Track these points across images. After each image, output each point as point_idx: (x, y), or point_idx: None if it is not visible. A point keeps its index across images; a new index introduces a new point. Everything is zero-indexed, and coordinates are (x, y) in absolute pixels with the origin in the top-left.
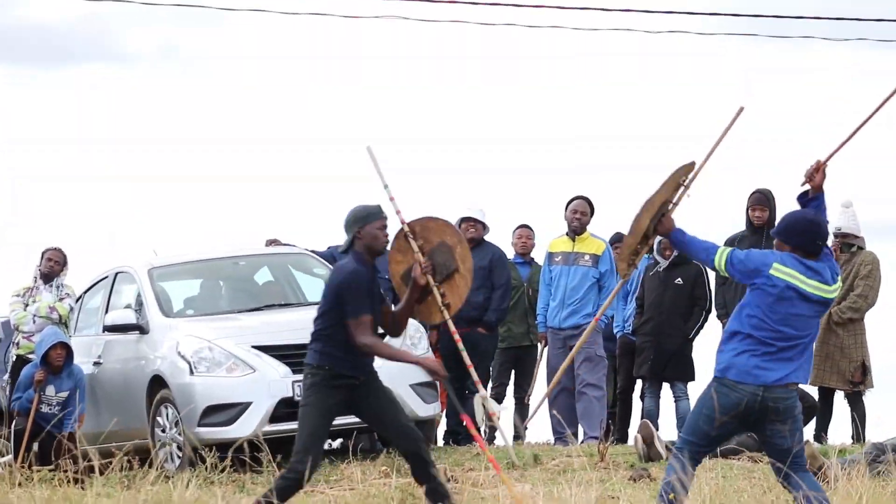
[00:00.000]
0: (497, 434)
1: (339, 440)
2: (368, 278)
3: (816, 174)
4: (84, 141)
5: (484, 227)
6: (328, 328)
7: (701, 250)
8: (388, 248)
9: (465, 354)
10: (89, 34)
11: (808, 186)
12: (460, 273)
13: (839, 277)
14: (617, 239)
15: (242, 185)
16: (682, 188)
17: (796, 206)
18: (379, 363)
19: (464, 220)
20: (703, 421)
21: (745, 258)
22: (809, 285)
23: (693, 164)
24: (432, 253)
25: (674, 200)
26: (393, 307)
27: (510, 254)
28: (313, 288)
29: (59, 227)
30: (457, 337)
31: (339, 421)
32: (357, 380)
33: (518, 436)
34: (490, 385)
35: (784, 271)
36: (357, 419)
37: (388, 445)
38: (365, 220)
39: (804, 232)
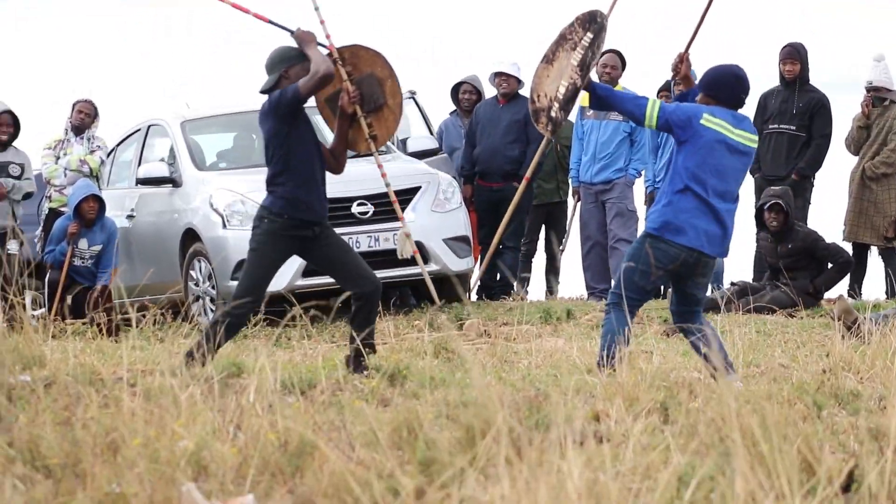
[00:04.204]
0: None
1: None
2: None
3: (681, 65)
4: None
5: (518, 81)
6: (282, 169)
7: (629, 101)
8: None
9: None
10: None
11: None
12: (388, 107)
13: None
14: (665, 87)
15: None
16: (595, 48)
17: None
18: (412, 222)
19: (496, 74)
20: (639, 276)
21: (677, 108)
22: (737, 135)
23: (597, 13)
24: (360, 82)
25: (595, 59)
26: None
27: None
28: None
29: (88, 76)
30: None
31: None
32: (312, 230)
33: (551, 290)
34: (522, 240)
35: (713, 121)
36: (391, 275)
37: (418, 300)
38: (290, 60)
39: (729, 84)
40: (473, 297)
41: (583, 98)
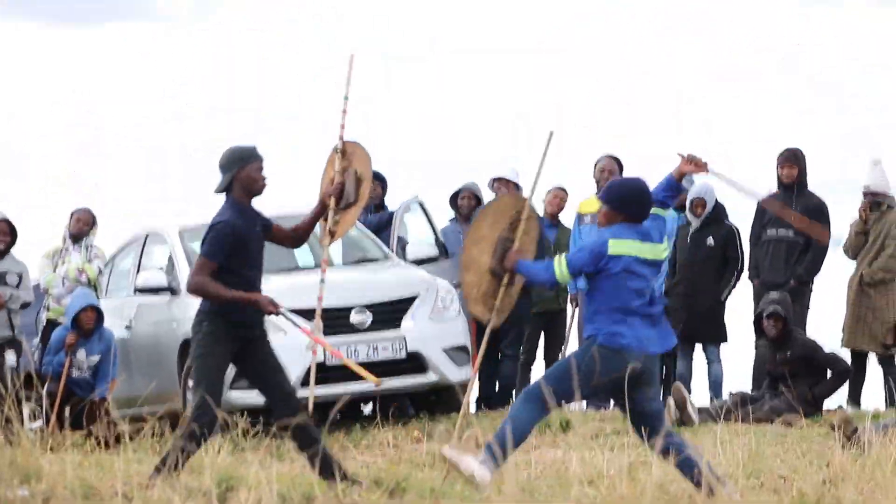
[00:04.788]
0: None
1: (370, 405)
2: (242, 226)
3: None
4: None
5: (517, 186)
6: (221, 275)
7: (541, 271)
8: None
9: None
10: None
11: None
12: (356, 207)
13: (665, 237)
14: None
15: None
16: (519, 225)
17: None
18: (410, 331)
19: (495, 180)
20: (580, 380)
21: (580, 251)
22: (645, 251)
23: (524, 200)
24: (346, 177)
25: (514, 238)
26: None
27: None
28: (347, 249)
29: (88, 192)
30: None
31: (371, 386)
32: (254, 332)
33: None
34: (521, 348)
35: (621, 244)
36: (389, 385)
37: (417, 410)
38: (243, 161)
39: (636, 200)
40: (472, 407)
41: (580, 205)
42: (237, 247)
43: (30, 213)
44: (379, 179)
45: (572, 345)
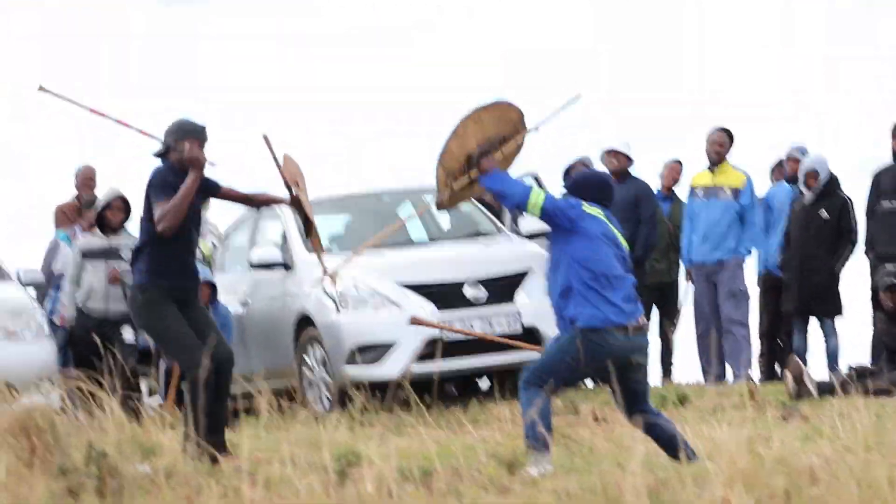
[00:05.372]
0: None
1: (487, 380)
2: (173, 180)
3: None
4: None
5: (628, 159)
6: (149, 242)
7: (516, 188)
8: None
9: None
10: None
11: None
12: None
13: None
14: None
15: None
16: (510, 145)
17: None
18: (525, 306)
19: (607, 152)
20: (566, 368)
21: (561, 198)
22: (613, 227)
23: (525, 129)
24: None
25: (518, 143)
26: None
27: (655, 188)
28: (459, 223)
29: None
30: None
31: (488, 362)
32: (189, 289)
33: (667, 373)
34: None
35: (593, 210)
36: (506, 359)
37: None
38: (186, 135)
39: (596, 186)
40: (589, 382)
41: (693, 179)
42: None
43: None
44: None
45: (686, 317)
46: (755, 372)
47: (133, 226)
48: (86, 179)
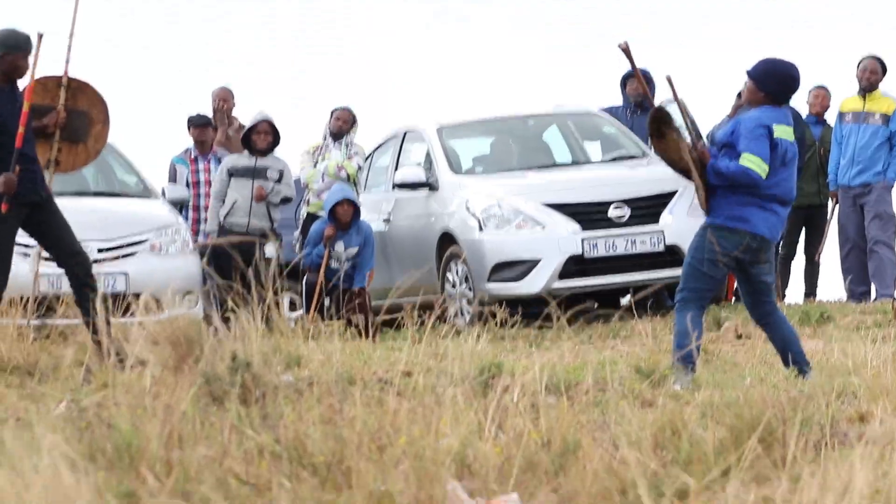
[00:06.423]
0: None
1: (628, 296)
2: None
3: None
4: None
5: None
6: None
7: (740, 173)
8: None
9: None
10: None
11: None
12: (86, 146)
13: None
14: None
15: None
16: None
17: None
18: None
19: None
20: (707, 266)
21: (764, 146)
22: (790, 133)
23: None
24: (71, 112)
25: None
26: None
27: (804, 113)
28: (605, 146)
29: (346, 86)
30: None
31: (628, 278)
32: (40, 196)
33: (810, 293)
34: (780, 243)
35: (782, 130)
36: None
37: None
38: (13, 48)
39: (782, 81)
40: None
41: (842, 104)
42: None
43: (291, 112)
44: (647, 78)
45: (831, 240)
46: None
47: (279, 150)
48: (220, 100)
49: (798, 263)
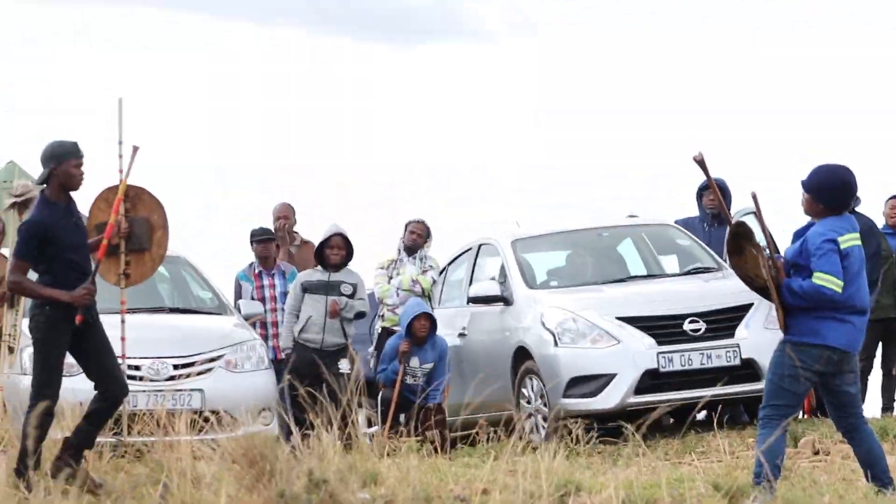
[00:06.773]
0: None
1: (704, 412)
2: (49, 223)
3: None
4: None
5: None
6: (46, 272)
7: (817, 294)
8: (98, 194)
9: None
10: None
11: None
12: (150, 255)
13: None
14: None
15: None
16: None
17: None
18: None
19: None
20: (789, 382)
21: (834, 261)
22: (857, 238)
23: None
24: (133, 221)
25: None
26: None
27: (880, 223)
28: (682, 259)
29: (422, 204)
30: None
31: (704, 393)
32: (92, 316)
33: (888, 407)
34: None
35: (848, 238)
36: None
37: (751, 417)
38: (61, 158)
39: (837, 189)
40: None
41: None
42: (48, 242)
43: (365, 226)
44: (722, 189)
45: None
46: None
47: (353, 264)
48: (281, 218)
49: (875, 377)
